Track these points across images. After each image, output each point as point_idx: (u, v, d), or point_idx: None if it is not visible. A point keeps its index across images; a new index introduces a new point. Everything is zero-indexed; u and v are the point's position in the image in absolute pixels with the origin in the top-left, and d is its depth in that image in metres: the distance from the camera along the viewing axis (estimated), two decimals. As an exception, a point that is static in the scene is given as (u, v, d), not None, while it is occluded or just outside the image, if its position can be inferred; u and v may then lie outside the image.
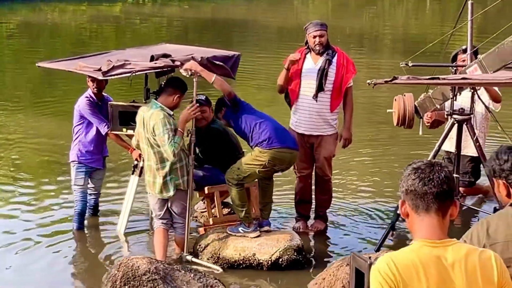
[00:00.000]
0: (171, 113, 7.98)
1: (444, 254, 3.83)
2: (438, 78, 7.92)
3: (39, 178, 11.02)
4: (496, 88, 8.92)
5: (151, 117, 7.71)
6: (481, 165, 8.64)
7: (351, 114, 9.09)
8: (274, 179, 8.64)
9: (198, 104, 8.22)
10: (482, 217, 8.68)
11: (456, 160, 8.62)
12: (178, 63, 8.25)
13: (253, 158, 8.05)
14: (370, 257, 4.77)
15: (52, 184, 10.71)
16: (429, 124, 9.07)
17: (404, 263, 3.70)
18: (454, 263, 3.73)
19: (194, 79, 8.05)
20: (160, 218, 8.21)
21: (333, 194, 9.40)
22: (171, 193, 7.88)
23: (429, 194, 3.68)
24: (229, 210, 8.75)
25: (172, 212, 8.19)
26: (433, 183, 3.69)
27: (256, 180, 8.44)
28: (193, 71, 7.97)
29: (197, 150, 8.45)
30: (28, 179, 11.04)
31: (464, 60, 8.79)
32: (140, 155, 8.89)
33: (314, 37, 8.71)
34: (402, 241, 8.58)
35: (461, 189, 9.05)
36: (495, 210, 4.95)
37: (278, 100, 9.76)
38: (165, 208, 8.19)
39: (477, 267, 3.70)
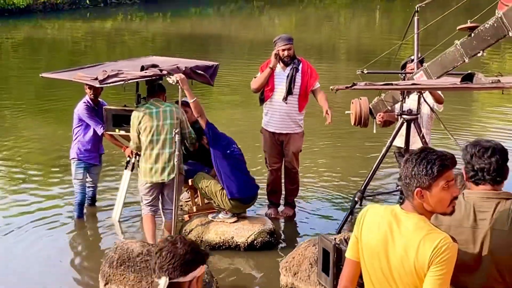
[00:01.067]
0: None
1: (408, 220, 3.91)
2: (391, 84, 8.01)
3: (43, 174, 11.00)
4: (439, 92, 8.99)
5: (176, 111, 8.06)
6: None
7: (326, 101, 9.04)
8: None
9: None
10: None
11: (406, 154, 8.75)
12: (165, 72, 8.30)
13: (215, 191, 8.30)
14: (335, 239, 4.81)
15: (55, 178, 10.69)
16: (381, 123, 9.16)
17: (374, 211, 4.04)
18: (409, 228, 3.89)
19: (179, 86, 8.10)
20: (148, 205, 8.23)
21: (300, 184, 9.43)
22: (173, 175, 7.94)
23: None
24: (210, 199, 8.76)
25: (166, 198, 8.25)
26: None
27: None
28: (177, 81, 8.04)
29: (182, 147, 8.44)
30: (34, 175, 11.03)
31: (412, 68, 8.89)
32: (132, 152, 8.91)
33: (283, 50, 8.74)
34: None
35: None
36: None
37: (249, 101, 9.84)
38: (155, 196, 8.22)
39: (419, 240, 3.81)
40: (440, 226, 4.30)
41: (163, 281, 3.44)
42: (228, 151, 8.36)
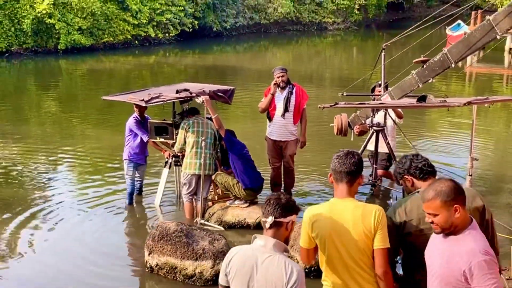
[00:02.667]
0: None
1: (345, 206, 3.92)
2: (364, 103, 8.07)
3: (103, 171, 11.03)
4: (399, 109, 9.01)
5: (211, 124, 8.43)
6: (392, 159, 8.75)
7: (306, 126, 9.17)
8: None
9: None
10: (394, 194, 8.83)
11: (375, 155, 8.85)
12: (194, 94, 8.41)
13: (233, 184, 8.33)
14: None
15: (111, 174, 10.72)
16: (357, 133, 9.24)
17: (316, 211, 4.07)
18: (349, 210, 3.98)
19: (205, 105, 8.13)
20: (188, 194, 8.43)
21: (295, 178, 9.44)
22: (207, 171, 8.32)
23: (342, 172, 4.01)
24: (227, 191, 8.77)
25: (202, 188, 8.34)
26: (345, 165, 4.02)
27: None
28: (204, 101, 8.09)
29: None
30: (96, 172, 11.05)
31: (379, 91, 8.93)
32: (169, 154, 9.02)
33: (278, 77, 8.81)
34: None
35: (380, 171, 9.15)
36: (403, 190, 4.99)
37: (256, 116, 9.89)
38: (193, 186, 8.34)
39: (360, 215, 3.94)
40: (412, 219, 4.31)
41: (270, 219, 3.74)
42: (241, 153, 8.36)
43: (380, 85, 8.93)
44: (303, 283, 3.58)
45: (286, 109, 8.86)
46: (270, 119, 9.02)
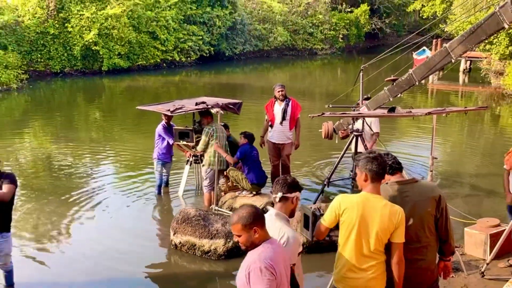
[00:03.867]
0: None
1: (376, 202, 3.92)
2: (346, 113, 8.03)
3: (137, 168, 11.05)
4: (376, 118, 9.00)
5: (224, 130, 8.53)
6: None
7: (299, 132, 9.16)
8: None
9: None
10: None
11: (355, 155, 8.81)
12: (210, 106, 8.39)
13: (242, 178, 8.33)
14: (311, 207, 4.76)
15: (143, 171, 10.74)
16: (341, 137, 9.19)
17: (350, 199, 3.96)
18: (379, 206, 3.89)
19: (218, 115, 8.15)
20: (209, 186, 8.46)
21: (291, 173, 9.37)
22: (223, 167, 8.45)
23: (379, 173, 3.96)
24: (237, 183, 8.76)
25: (217, 180, 8.45)
26: (380, 167, 3.96)
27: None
28: (218, 111, 8.16)
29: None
30: (132, 169, 11.08)
31: (358, 104, 8.89)
32: (190, 154, 9.08)
33: (278, 91, 8.83)
34: (327, 199, 8.65)
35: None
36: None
37: (260, 123, 9.84)
38: (213, 179, 8.34)
39: (388, 213, 3.86)
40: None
41: (279, 194, 3.89)
42: (250, 154, 8.39)
43: (366, 99, 8.90)
44: (290, 244, 3.72)
45: (283, 118, 8.88)
46: (272, 126, 9.05)
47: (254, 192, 8.41)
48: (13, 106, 18.54)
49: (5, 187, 5.51)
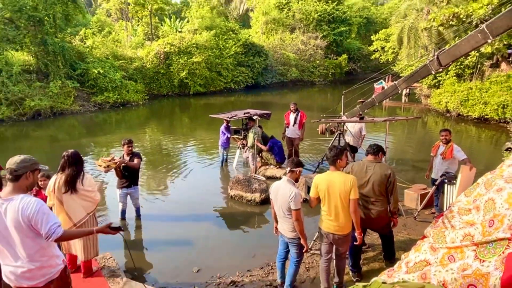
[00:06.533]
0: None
1: (335, 175, 3.82)
2: (333, 120, 7.80)
3: (207, 151, 10.95)
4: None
5: (259, 130, 8.16)
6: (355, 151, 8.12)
7: (303, 131, 8.87)
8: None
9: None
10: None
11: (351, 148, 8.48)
12: (252, 114, 8.27)
13: (271, 158, 8.15)
14: (311, 178, 4.70)
15: (213, 151, 10.62)
16: (330, 133, 8.81)
17: (319, 177, 3.85)
18: (337, 177, 3.74)
19: (256, 120, 8.07)
20: (252, 162, 8.30)
21: (300, 155, 9.19)
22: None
23: (329, 158, 3.79)
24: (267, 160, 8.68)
25: (255, 159, 8.22)
26: (330, 154, 3.80)
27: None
28: (257, 117, 8.01)
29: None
30: (205, 151, 10.97)
31: (341, 115, 8.62)
32: (240, 143, 8.88)
33: (292, 106, 8.65)
34: (321, 170, 8.35)
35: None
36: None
37: (281, 125, 9.67)
38: (253, 158, 8.18)
39: (343, 180, 3.70)
40: (352, 172, 4.24)
41: (288, 169, 3.79)
42: (276, 144, 8.28)
43: (360, 114, 8.21)
44: (297, 196, 3.66)
45: (295, 122, 8.69)
46: (287, 127, 8.90)
47: (278, 167, 8.35)
48: (140, 114, 18.89)
49: (136, 160, 5.69)
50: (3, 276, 2.58)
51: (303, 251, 3.86)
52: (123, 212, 6.02)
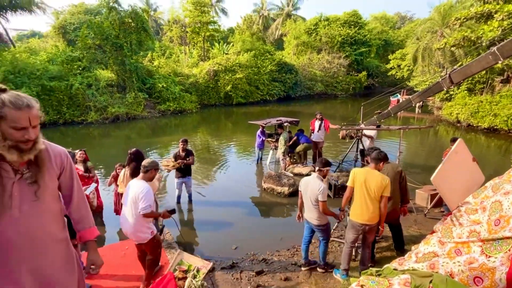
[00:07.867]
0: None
1: (373, 172, 3.70)
2: (353, 127, 7.55)
3: (245, 151, 10.91)
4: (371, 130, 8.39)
5: (286, 135, 7.99)
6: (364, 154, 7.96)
7: (324, 136, 8.59)
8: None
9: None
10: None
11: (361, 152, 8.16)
12: (283, 121, 8.24)
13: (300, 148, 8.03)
14: (333, 178, 4.60)
15: (250, 150, 10.60)
16: (350, 138, 8.54)
17: (358, 170, 3.69)
18: (375, 175, 3.62)
19: (287, 126, 8.01)
20: (282, 161, 8.18)
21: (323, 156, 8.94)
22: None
23: (374, 158, 3.65)
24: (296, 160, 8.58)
25: (284, 158, 8.10)
26: (376, 155, 3.66)
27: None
28: (288, 124, 7.94)
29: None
30: (243, 150, 10.94)
31: (360, 123, 8.32)
32: (273, 144, 8.81)
33: (317, 115, 8.43)
34: (340, 171, 8.04)
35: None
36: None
37: (308, 130, 9.50)
38: (284, 158, 8.08)
39: (380, 179, 3.59)
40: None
41: (317, 168, 3.68)
42: (301, 134, 8.24)
43: (376, 122, 7.91)
44: (325, 192, 3.60)
45: (319, 129, 8.49)
46: (313, 132, 8.70)
47: (305, 165, 8.21)
48: (193, 120, 19.42)
49: (191, 158, 5.93)
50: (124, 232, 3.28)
51: (339, 219, 3.91)
52: (179, 197, 6.30)
